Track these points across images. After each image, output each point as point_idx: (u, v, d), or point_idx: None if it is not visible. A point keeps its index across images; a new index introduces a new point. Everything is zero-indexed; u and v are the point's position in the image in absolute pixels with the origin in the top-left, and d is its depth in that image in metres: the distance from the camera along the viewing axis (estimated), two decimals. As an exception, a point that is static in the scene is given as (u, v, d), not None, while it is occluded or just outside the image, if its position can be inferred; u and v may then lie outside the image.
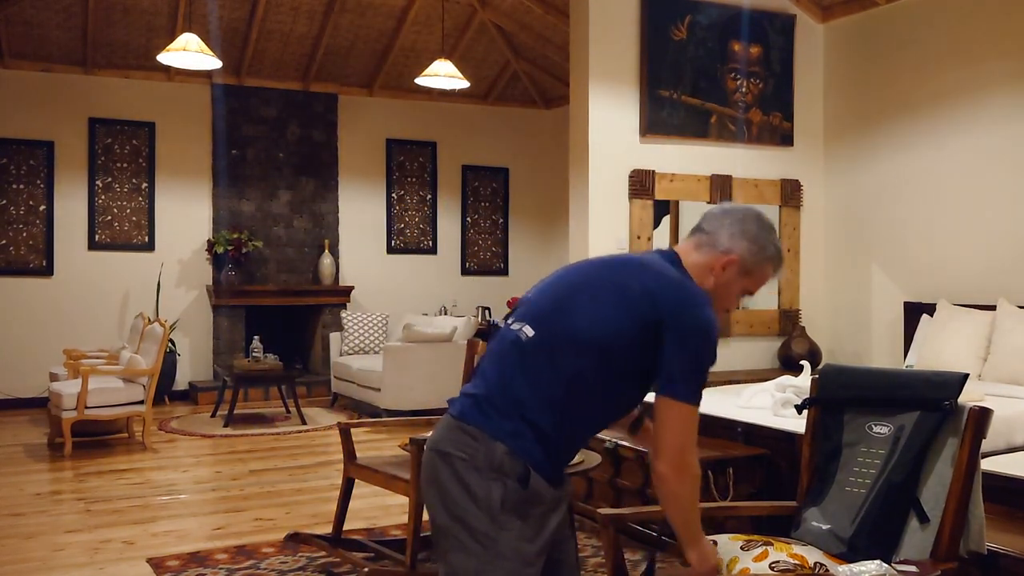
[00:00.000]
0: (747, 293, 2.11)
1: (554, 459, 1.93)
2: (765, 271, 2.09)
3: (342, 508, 4.03)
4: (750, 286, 2.09)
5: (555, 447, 1.93)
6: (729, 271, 2.04)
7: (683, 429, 1.89)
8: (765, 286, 2.18)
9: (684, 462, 1.90)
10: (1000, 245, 5.88)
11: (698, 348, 1.88)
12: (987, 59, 5.97)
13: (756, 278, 2.09)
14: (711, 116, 6.63)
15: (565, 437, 1.94)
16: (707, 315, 1.90)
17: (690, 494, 1.96)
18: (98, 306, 8.68)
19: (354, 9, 8.43)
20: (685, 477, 1.92)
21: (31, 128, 8.49)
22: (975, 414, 2.33)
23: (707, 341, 1.90)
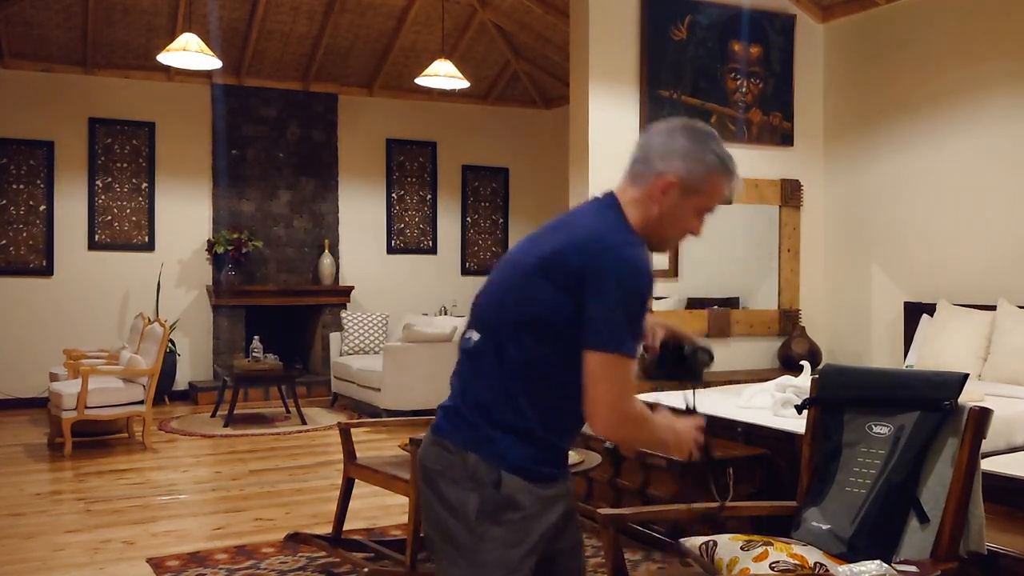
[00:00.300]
0: (706, 211, 1.90)
1: (539, 455, 1.84)
2: (714, 184, 1.88)
3: (342, 508, 4.04)
4: (703, 204, 1.89)
5: (535, 442, 1.83)
6: (670, 195, 1.84)
7: (611, 380, 1.73)
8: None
9: (620, 417, 1.76)
10: (1000, 245, 5.88)
11: (615, 291, 1.71)
12: (987, 59, 5.97)
13: (707, 194, 1.88)
14: (711, 116, 6.62)
15: (543, 428, 1.83)
16: (620, 256, 1.74)
17: (638, 434, 1.87)
18: (98, 306, 8.68)
19: (354, 9, 8.43)
20: (626, 427, 1.79)
21: (31, 128, 8.49)
22: (975, 414, 2.33)
23: (622, 283, 1.72)
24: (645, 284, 1.76)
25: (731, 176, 1.91)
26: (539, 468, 1.84)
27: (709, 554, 2.55)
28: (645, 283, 1.76)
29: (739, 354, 6.80)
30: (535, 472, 1.83)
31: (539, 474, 1.84)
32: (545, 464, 1.86)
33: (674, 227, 1.89)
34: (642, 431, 1.83)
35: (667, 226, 1.87)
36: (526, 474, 1.82)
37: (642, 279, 1.75)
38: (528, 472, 1.83)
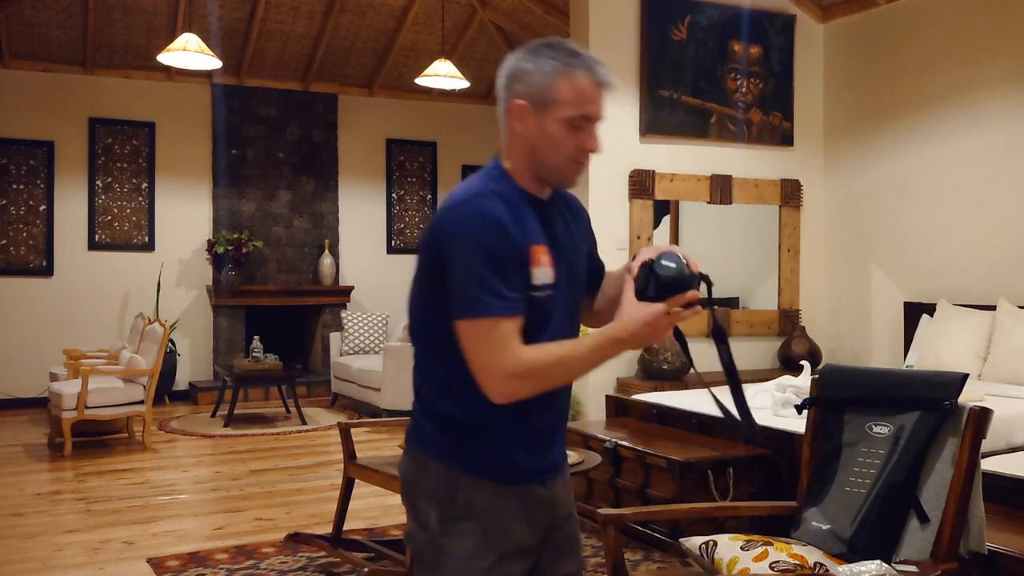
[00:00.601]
0: (580, 121, 1.65)
1: (486, 447, 1.67)
2: (565, 87, 1.62)
3: (342, 508, 4.03)
4: (567, 113, 1.63)
5: (462, 429, 1.67)
6: (527, 120, 1.64)
7: (482, 347, 1.55)
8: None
9: (508, 378, 1.56)
10: (1000, 245, 5.88)
11: (460, 252, 1.56)
12: (987, 59, 5.97)
13: (564, 102, 1.63)
14: (711, 116, 6.63)
15: (463, 412, 1.66)
16: (456, 214, 1.59)
17: (545, 383, 1.61)
18: (98, 306, 8.68)
19: (354, 9, 8.43)
20: (522, 384, 1.57)
21: (31, 128, 8.50)
22: (975, 414, 2.33)
23: (463, 240, 1.56)
24: (486, 232, 1.55)
25: (582, 68, 1.62)
26: (491, 462, 1.67)
27: (709, 554, 2.55)
28: (486, 230, 1.55)
29: (739, 354, 6.76)
30: (490, 468, 1.68)
31: (496, 470, 1.68)
32: (499, 458, 1.68)
33: (553, 152, 1.64)
34: (549, 377, 1.59)
35: (545, 154, 1.65)
36: (484, 471, 1.67)
37: (481, 227, 1.55)
38: (481, 468, 1.67)
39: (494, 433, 1.67)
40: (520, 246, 1.59)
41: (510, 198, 1.63)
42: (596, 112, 1.66)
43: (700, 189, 6.63)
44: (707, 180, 6.64)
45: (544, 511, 1.74)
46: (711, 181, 6.66)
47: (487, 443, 1.67)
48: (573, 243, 1.77)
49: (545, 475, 1.75)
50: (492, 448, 1.68)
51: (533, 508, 1.72)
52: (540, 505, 1.73)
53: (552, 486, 1.77)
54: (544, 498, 1.74)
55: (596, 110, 1.66)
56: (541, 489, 1.74)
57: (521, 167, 1.68)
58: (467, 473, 1.67)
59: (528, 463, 1.72)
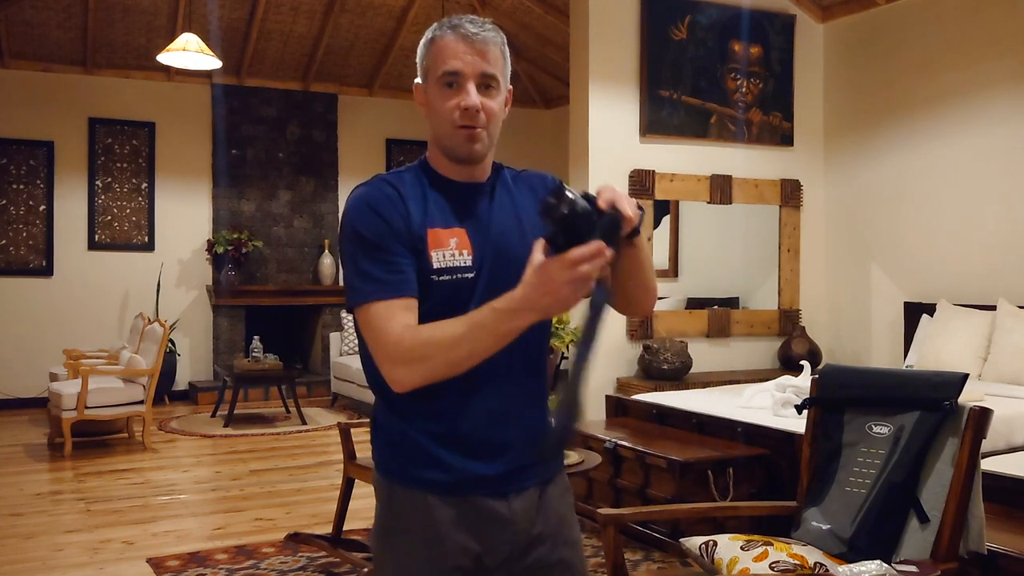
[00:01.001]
0: (451, 75, 1.55)
1: (412, 452, 1.53)
2: (437, 45, 1.57)
3: (342, 508, 4.04)
4: (438, 71, 1.56)
5: (403, 435, 1.54)
6: (420, 98, 1.64)
7: (369, 334, 1.47)
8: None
9: (397, 361, 1.43)
10: (1000, 245, 5.88)
11: (343, 245, 1.53)
12: (987, 59, 5.97)
13: (434, 62, 1.57)
14: (711, 116, 6.62)
15: (386, 409, 1.56)
16: (346, 205, 1.55)
17: (437, 362, 1.42)
18: (98, 306, 8.68)
19: (354, 9, 8.43)
20: (414, 365, 1.42)
21: (31, 128, 8.49)
22: (975, 414, 2.33)
23: (343, 231, 1.53)
24: (359, 218, 1.50)
25: (447, 27, 1.57)
26: (414, 469, 1.53)
27: (709, 554, 2.55)
28: (358, 217, 1.50)
29: (739, 354, 6.80)
30: (411, 475, 1.53)
31: (416, 478, 1.53)
32: (420, 463, 1.53)
33: (439, 121, 1.56)
34: (436, 360, 1.40)
35: (435, 125, 1.58)
36: (399, 477, 1.55)
37: (355, 216, 1.51)
38: (400, 474, 1.55)
39: (417, 435, 1.53)
40: (404, 229, 1.49)
41: (411, 182, 1.56)
42: (459, 66, 1.52)
43: (700, 189, 6.63)
44: (707, 180, 6.64)
45: (501, 530, 1.54)
46: (711, 181, 6.65)
47: (413, 447, 1.53)
48: (519, 227, 1.58)
49: (500, 486, 1.55)
50: (419, 453, 1.53)
51: (482, 525, 1.53)
52: (493, 522, 1.54)
53: (515, 500, 1.55)
54: (501, 514, 1.54)
55: (459, 64, 1.53)
56: (495, 503, 1.54)
57: (434, 149, 1.61)
58: (400, 483, 1.55)
59: (468, 469, 1.52)
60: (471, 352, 1.38)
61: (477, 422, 1.53)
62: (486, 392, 1.52)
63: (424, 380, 1.43)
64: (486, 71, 1.55)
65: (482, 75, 1.54)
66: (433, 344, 1.40)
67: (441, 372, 1.42)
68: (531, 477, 1.58)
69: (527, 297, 1.30)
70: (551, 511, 1.61)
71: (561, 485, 1.66)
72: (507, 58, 1.62)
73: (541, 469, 1.61)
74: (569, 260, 1.25)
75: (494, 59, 1.56)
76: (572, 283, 1.26)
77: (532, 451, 1.54)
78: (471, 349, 1.38)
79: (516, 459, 1.56)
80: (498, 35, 1.58)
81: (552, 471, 1.65)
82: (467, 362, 1.40)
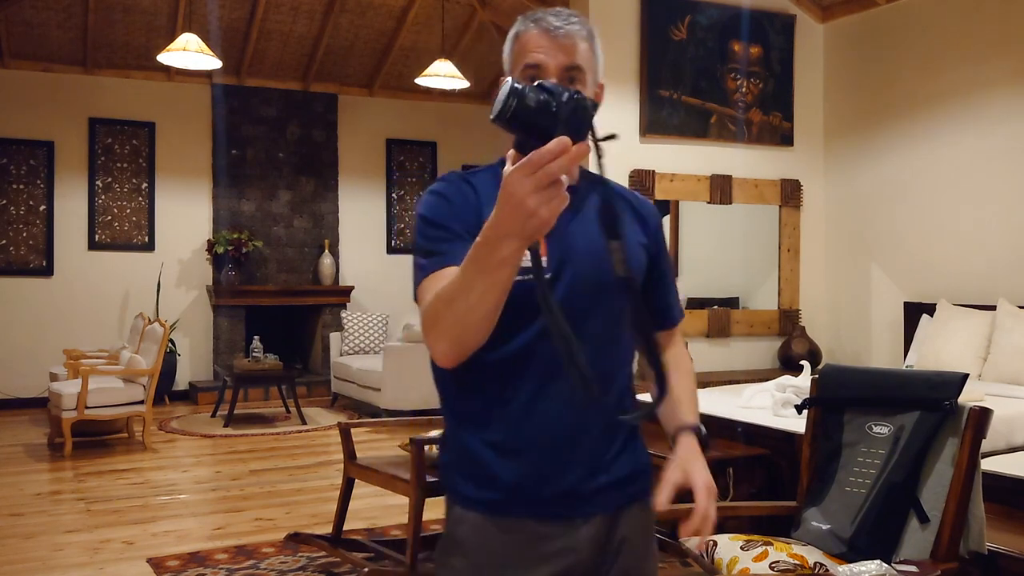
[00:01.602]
0: (530, 68, 1.48)
1: (465, 459, 1.44)
2: (520, 41, 1.51)
3: (342, 508, 4.03)
4: (519, 65, 1.50)
5: (453, 447, 1.47)
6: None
7: (421, 309, 1.36)
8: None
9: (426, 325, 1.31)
10: (1000, 245, 5.88)
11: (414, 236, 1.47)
12: (987, 59, 5.97)
13: (517, 58, 1.51)
14: (711, 116, 6.62)
15: (454, 422, 1.48)
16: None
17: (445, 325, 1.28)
18: (98, 306, 8.68)
19: (354, 9, 8.43)
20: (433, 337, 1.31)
21: (31, 128, 8.49)
22: (975, 414, 2.33)
23: (415, 223, 1.47)
24: (425, 205, 1.46)
25: (530, 22, 1.50)
26: (466, 486, 1.43)
27: (709, 554, 2.55)
28: (425, 204, 1.46)
29: (739, 354, 6.80)
30: (463, 493, 1.43)
31: (468, 496, 1.42)
32: (472, 478, 1.41)
33: None
34: (447, 309, 1.26)
35: None
36: (455, 495, 1.45)
37: (421, 205, 1.47)
38: (455, 492, 1.45)
39: (471, 444, 1.42)
40: (474, 220, 1.36)
41: (486, 181, 1.48)
42: (540, 58, 1.44)
43: (700, 189, 6.63)
44: (707, 180, 6.64)
45: (560, 561, 1.39)
46: (711, 181, 6.65)
47: (467, 458, 1.43)
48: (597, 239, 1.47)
49: (563, 509, 1.40)
50: (473, 466, 1.41)
51: (539, 554, 1.39)
52: (553, 552, 1.39)
53: (581, 527, 1.40)
54: (562, 543, 1.39)
55: (541, 57, 1.44)
56: (556, 529, 1.40)
57: (512, 148, 1.48)
58: (455, 500, 1.45)
59: (520, 484, 1.39)
60: (469, 301, 1.21)
61: (542, 436, 1.39)
62: (552, 400, 1.39)
63: (451, 345, 1.28)
64: (569, 64, 1.45)
65: (565, 68, 1.45)
66: (439, 300, 1.26)
67: (457, 332, 1.26)
68: (604, 502, 1.44)
69: (498, 220, 1.11)
70: (624, 544, 1.46)
71: (639, 515, 1.49)
72: (597, 53, 1.51)
73: (616, 494, 1.45)
74: (527, 166, 1.05)
75: (579, 52, 1.46)
76: (538, 192, 1.06)
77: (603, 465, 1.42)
78: (468, 297, 1.21)
79: (586, 480, 1.41)
80: (584, 28, 1.48)
81: (631, 495, 1.48)
82: (473, 314, 1.23)
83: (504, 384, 1.37)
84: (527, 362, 1.38)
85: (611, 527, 1.44)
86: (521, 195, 1.07)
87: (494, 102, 1.13)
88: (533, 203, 1.07)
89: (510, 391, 1.38)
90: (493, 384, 1.38)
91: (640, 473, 1.50)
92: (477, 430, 1.41)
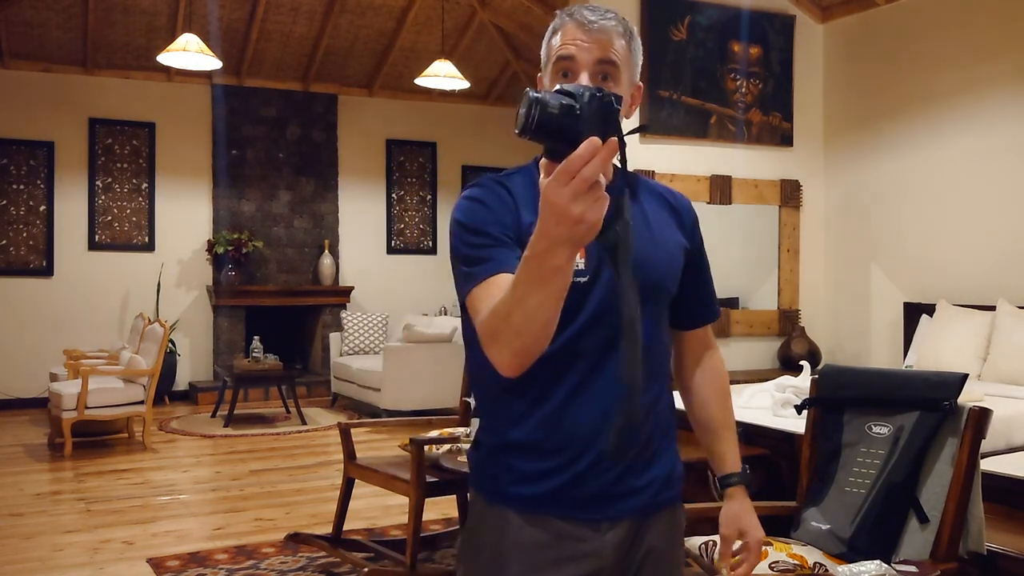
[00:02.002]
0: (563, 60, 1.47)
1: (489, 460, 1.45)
2: (556, 35, 1.49)
3: (342, 508, 4.03)
4: (554, 58, 1.49)
5: (480, 443, 1.48)
6: (538, 87, 1.51)
7: (474, 320, 1.35)
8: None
9: (487, 339, 1.29)
10: (1000, 245, 5.88)
11: (451, 241, 1.45)
12: (987, 59, 5.97)
13: (552, 52, 1.49)
14: (711, 116, 6.62)
15: (485, 418, 1.48)
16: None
17: (507, 336, 1.25)
18: (98, 306, 8.68)
19: (354, 10, 8.43)
20: (495, 347, 1.28)
21: (31, 128, 8.50)
22: (975, 414, 2.34)
23: (451, 228, 1.45)
24: (461, 211, 1.42)
25: (566, 15, 1.48)
26: (496, 482, 1.43)
27: (709, 554, 2.55)
28: (461, 210, 1.43)
29: (739, 354, 6.80)
30: (491, 489, 1.44)
31: (496, 492, 1.43)
32: (502, 475, 1.42)
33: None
34: (505, 322, 1.24)
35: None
36: (484, 491, 1.46)
37: (457, 211, 1.44)
38: (484, 488, 1.46)
39: (504, 441, 1.43)
40: (512, 224, 1.38)
41: (522, 183, 1.45)
42: (573, 51, 1.43)
43: (700, 189, 6.63)
44: (707, 180, 6.64)
45: (584, 563, 1.39)
46: (711, 181, 6.65)
47: (498, 455, 1.44)
48: (647, 232, 1.48)
49: (591, 511, 1.40)
50: (504, 462, 1.42)
51: (563, 554, 1.38)
52: (577, 553, 1.39)
53: (607, 530, 1.40)
54: (587, 545, 1.39)
55: (574, 50, 1.43)
56: (582, 530, 1.40)
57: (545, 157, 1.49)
58: (483, 495, 1.46)
59: (551, 483, 1.39)
60: (527, 312, 1.20)
61: (576, 434, 1.38)
62: (591, 402, 1.38)
63: (512, 356, 1.26)
64: (603, 58, 1.42)
65: (598, 62, 1.42)
66: (496, 316, 1.25)
67: (518, 343, 1.24)
68: (632, 506, 1.42)
69: (543, 231, 1.11)
70: (650, 556, 1.44)
71: (670, 522, 1.49)
72: (635, 51, 1.49)
73: (646, 497, 1.44)
74: (563, 175, 1.06)
75: (614, 47, 1.44)
76: (577, 197, 1.06)
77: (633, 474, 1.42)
78: (525, 309, 1.20)
79: (616, 483, 1.40)
80: (620, 24, 1.45)
81: (661, 502, 1.47)
82: (533, 323, 1.21)
83: (543, 384, 1.37)
84: (566, 362, 1.38)
85: (637, 534, 1.43)
86: (563, 205, 1.06)
87: (517, 116, 1.13)
88: (578, 210, 1.06)
89: (549, 390, 1.38)
90: (531, 384, 1.37)
91: (672, 480, 1.50)
92: (512, 428, 1.41)
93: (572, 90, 1.13)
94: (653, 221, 1.50)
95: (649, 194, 1.55)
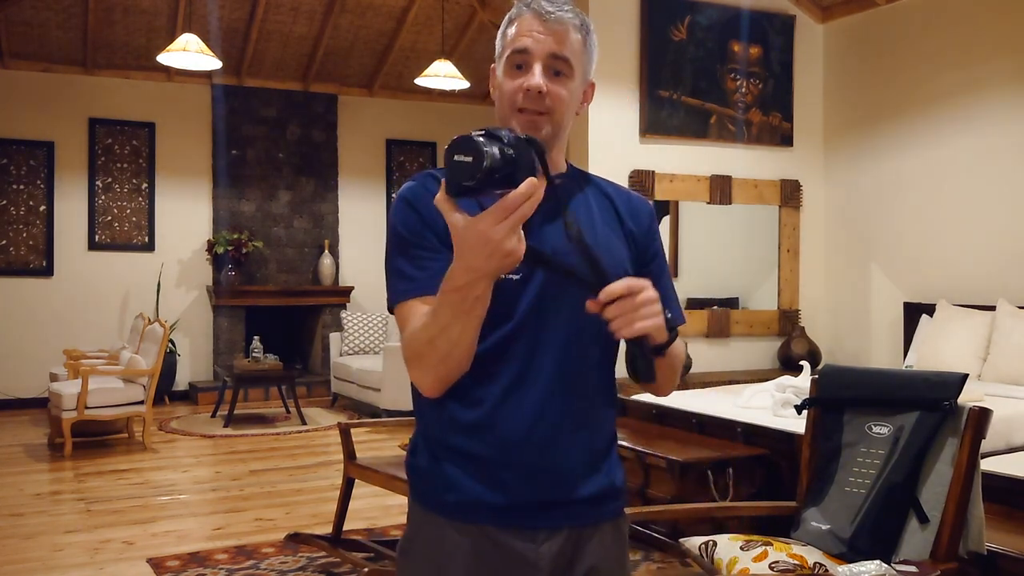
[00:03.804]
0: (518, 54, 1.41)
1: (425, 461, 1.41)
2: (512, 25, 1.43)
3: (342, 508, 4.04)
4: (508, 51, 1.42)
5: (418, 444, 1.44)
6: (492, 80, 1.49)
7: (401, 335, 1.36)
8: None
9: (409, 360, 1.31)
10: (1000, 245, 5.88)
11: (387, 241, 1.45)
12: (987, 59, 5.97)
13: (506, 42, 1.44)
14: (711, 116, 6.63)
15: (418, 417, 1.45)
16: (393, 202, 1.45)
17: (426, 361, 1.28)
18: (98, 306, 8.68)
19: (354, 9, 8.43)
20: (415, 370, 1.31)
21: (31, 128, 8.50)
22: (975, 414, 2.34)
23: (388, 227, 1.43)
24: (397, 215, 1.40)
25: (523, 6, 1.43)
26: (431, 488, 1.40)
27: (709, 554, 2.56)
28: (396, 212, 1.40)
29: (739, 354, 6.80)
30: (427, 495, 1.41)
31: (431, 499, 1.40)
32: (437, 482, 1.38)
33: (502, 104, 1.43)
34: (427, 348, 1.26)
35: (499, 110, 1.44)
36: (420, 497, 1.43)
37: (393, 211, 1.42)
38: (420, 494, 1.43)
39: (440, 448, 1.39)
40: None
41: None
42: (528, 43, 1.38)
43: (700, 189, 6.63)
44: (707, 180, 6.64)
45: (514, 570, 1.35)
46: (711, 181, 6.66)
47: (434, 462, 1.39)
48: (591, 229, 1.43)
49: (526, 520, 1.35)
50: (440, 470, 1.38)
51: (499, 565, 1.35)
52: (513, 564, 1.35)
53: (544, 541, 1.35)
54: (523, 556, 1.35)
55: (528, 42, 1.38)
56: (517, 541, 1.35)
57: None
58: (420, 503, 1.42)
59: (488, 494, 1.35)
60: (451, 339, 1.22)
61: (508, 439, 1.34)
62: (523, 405, 1.34)
63: (435, 379, 1.29)
64: (557, 52, 1.38)
65: (551, 56, 1.38)
66: (417, 340, 1.27)
67: (442, 368, 1.26)
68: (569, 516, 1.37)
69: (468, 266, 1.14)
70: (593, 571, 1.39)
71: (612, 534, 1.43)
72: (590, 47, 1.44)
73: (584, 508, 1.38)
74: (500, 212, 1.09)
75: (569, 42, 1.39)
76: (514, 231, 1.10)
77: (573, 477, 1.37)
78: (448, 336, 1.22)
79: (551, 490, 1.36)
80: (578, 18, 1.41)
81: (601, 515, 1.41)
82: (456, 349, 1.23)
83: (472, 388, 1.34)
84: (496, 366, 1.34)
85: (576, 547, 1.38)
86: (499, 240, 1.10)
87: (447, 175, 1.11)
88: (510, 245, 1.11)
89: (479, 393, 1.34)
90: (463, 389, 1.34)
91: (613, 492, 1.43)
92: (445, 433, 1.37)
93: (498, 134, 1.13)
94: (597, 219, 1.46)
95: (593, 189, 1.51)
